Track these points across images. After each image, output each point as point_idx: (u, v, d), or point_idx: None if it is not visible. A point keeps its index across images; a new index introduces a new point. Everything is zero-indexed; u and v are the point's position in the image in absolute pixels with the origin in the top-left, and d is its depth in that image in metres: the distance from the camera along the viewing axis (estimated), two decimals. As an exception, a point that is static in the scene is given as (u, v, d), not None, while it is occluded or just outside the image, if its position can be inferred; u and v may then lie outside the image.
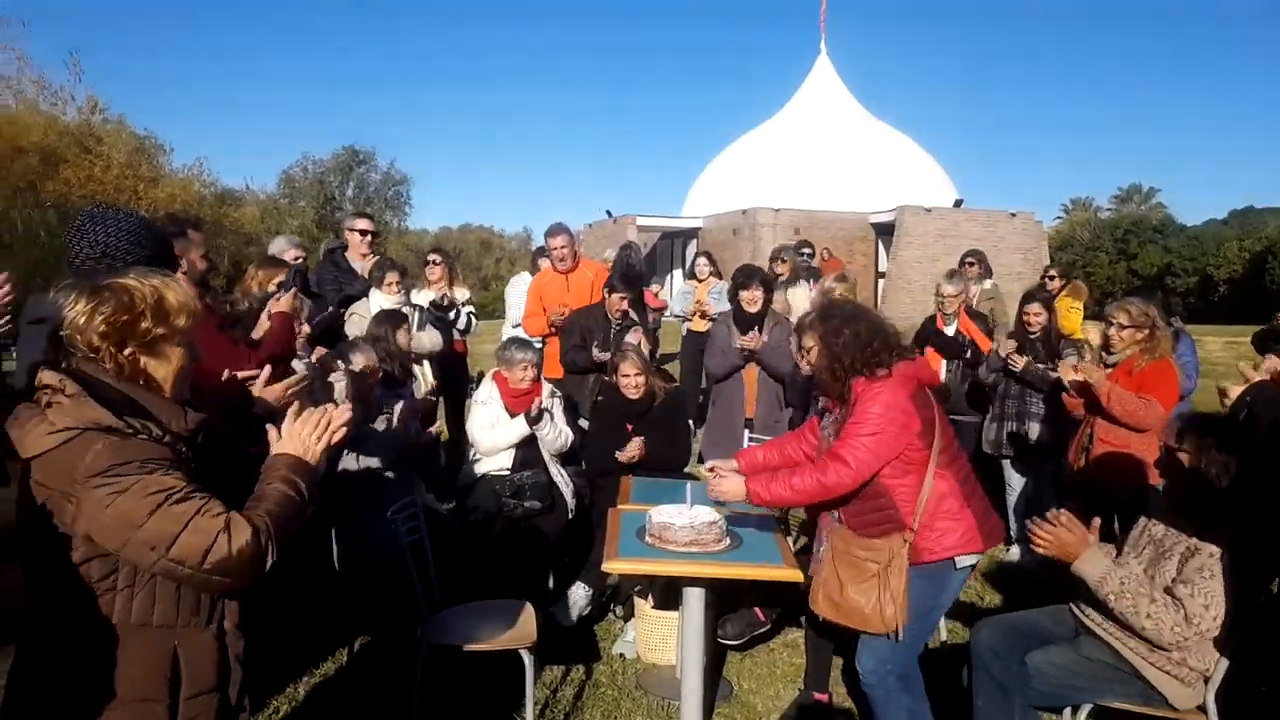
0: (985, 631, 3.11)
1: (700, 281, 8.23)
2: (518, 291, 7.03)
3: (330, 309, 5.38)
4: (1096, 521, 3.00)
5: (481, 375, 6.26)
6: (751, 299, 5.21)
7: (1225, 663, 2.76)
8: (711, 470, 3.32)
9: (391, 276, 5.63)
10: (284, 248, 5.72)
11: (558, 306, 5.97)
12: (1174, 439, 2.97)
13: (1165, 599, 2.76)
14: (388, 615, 3.95)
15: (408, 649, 3.55)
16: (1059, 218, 53.77)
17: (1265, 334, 6.00)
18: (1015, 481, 5.59)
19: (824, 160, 28.26)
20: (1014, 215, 26.60)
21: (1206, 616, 2.73)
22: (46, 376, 1.76)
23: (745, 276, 5.36)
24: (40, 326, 2.58)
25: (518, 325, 6.64)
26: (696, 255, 8.07)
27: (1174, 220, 45.78)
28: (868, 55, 78.88)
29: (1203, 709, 2.82)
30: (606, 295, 5.73)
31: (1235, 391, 2.32)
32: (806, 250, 9.17)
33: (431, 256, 6.52)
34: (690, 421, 5.53)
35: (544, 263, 6.93)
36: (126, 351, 1.81)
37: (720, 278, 8.35)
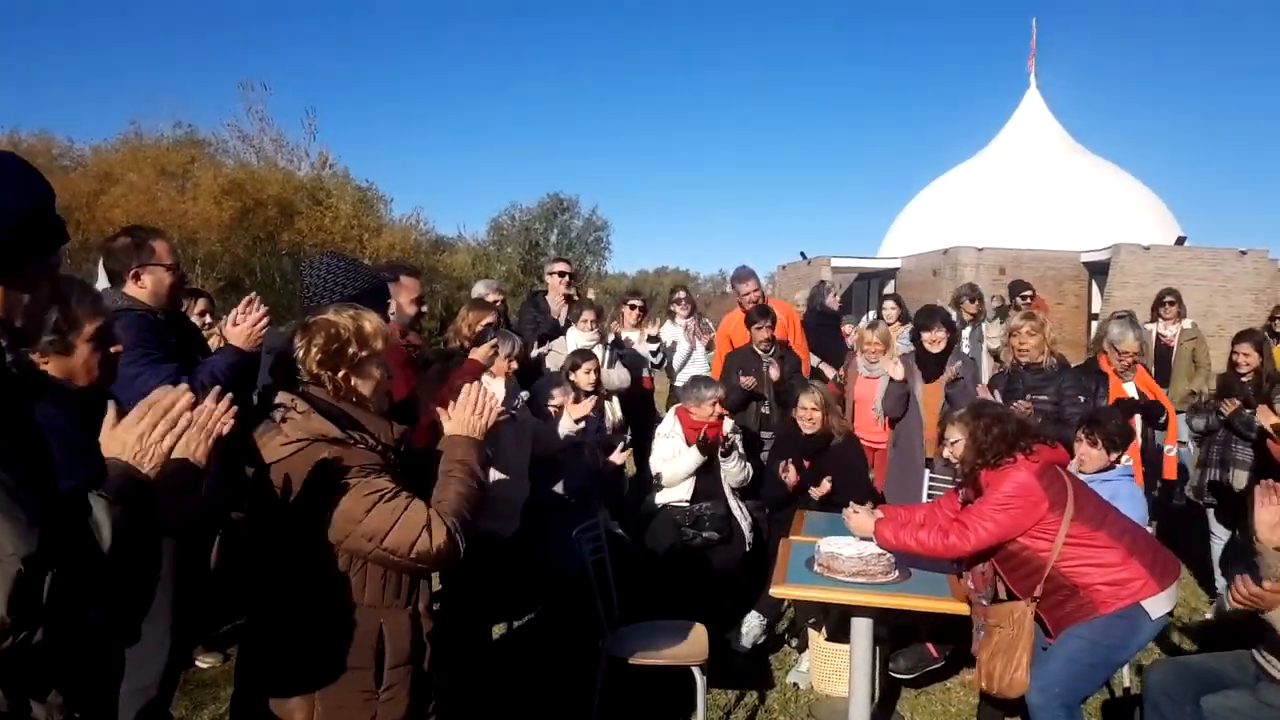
0: (1159, 672, 3.08)
1: (888, 326, 8.11)
2: (665, 338, 6.95)
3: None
4: None
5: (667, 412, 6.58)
6: (934, 340, 5.26)
7: None
8: (851, 509, 3.58)
9: (588, 315, 6.06)
10: (485, 291, 6.28)
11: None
12: None
13: None
14: (572, 627, 4.26)
15: (589, 660, 3.85)
16: (1304, 255, 48.56)
17: None
18: (1221, 531, 5.26)
19: (1032, 196, 27.08)
20: (1244, 253, 24.38)
21: None
22: (281, 396, 2.14)
23: (926, 317, 5.41)
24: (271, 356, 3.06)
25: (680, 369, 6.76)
26: (885, 299, 8.00)
27: None
28: (1081, 86, 74.54)
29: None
30: (749, 329, 5.91)
31: None
32: (1028, 294, 8.75)
33: (631, 301, 6.91)
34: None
35: (675, 310, 7.08)
36: (340, 374, 2.17)
37: (907, 321, 8.22)
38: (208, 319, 5.65)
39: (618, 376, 5.98)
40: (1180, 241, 25.40)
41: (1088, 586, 3.03)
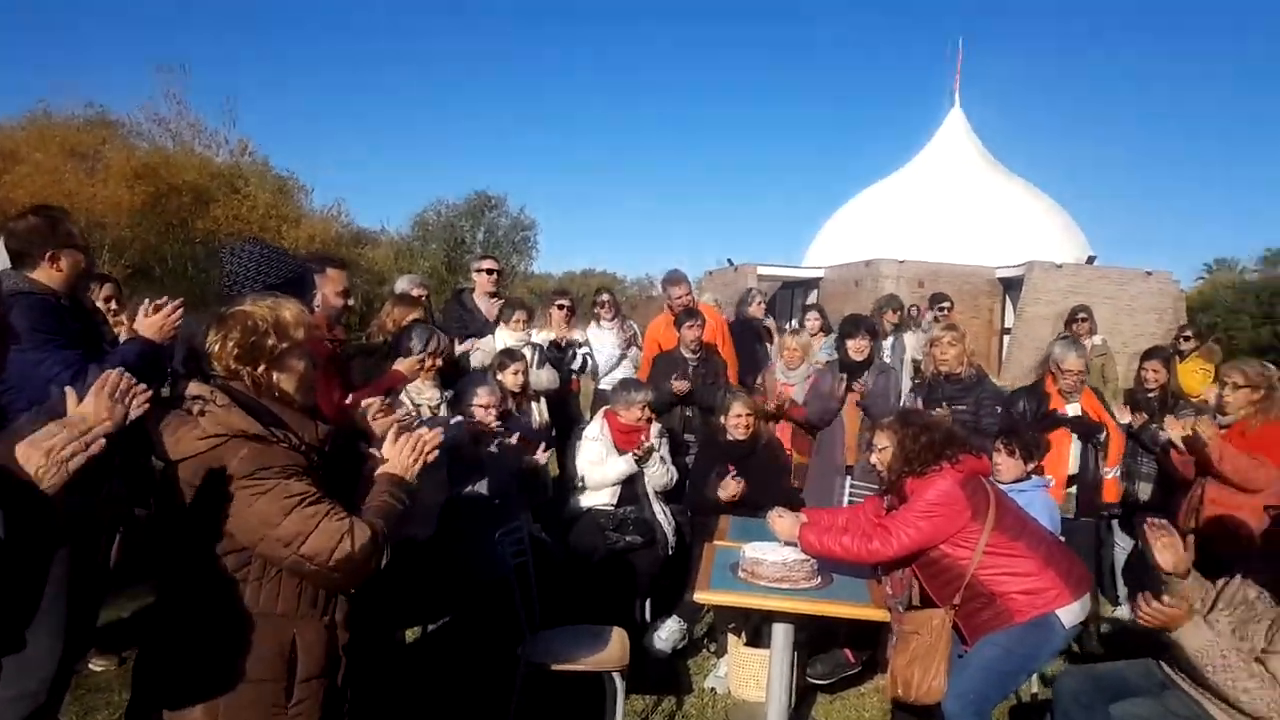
0: (1069, 679, 3.17)
1: (810, 336, 8.13)
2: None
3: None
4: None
5: (593, 413, 6.53)
6: (858, 348, 5.34)
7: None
8: (776, 513, 3.58)
9: (519, 315, 5.97)
10: (409, 286, 6.14)
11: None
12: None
13: (1263, 674, 2.74)
14: (491, 632, 4.19)
15: (507, 666, 3.78)
16: (1200, 278, 51.03)
17: None
18: (1124, 541, 5.46)
19: (952, 212, 27.86)
20: (1149, 274, 25.52)
21: None
22: (196, 388, 2.02)
23: (852, 326, 5.49)
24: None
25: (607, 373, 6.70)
26: (807, 309, 8.03)
27: (1333, 283, 42.79)
28: (1003, 108, 77.15)
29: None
30: (678, 329, 5.95)
31: None
32: (945, 305, 8.96)
33: (559, 302, 6.84)
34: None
35: (599, 312, 6.99)
36: (259, 368, 2.06)
37: (829, 332, 8.16)
38: (113, 305, 5.38)
39: (547, 377, 5.91)
40: (1090, 261, 26.45)
41: (1005, 595, 3.09)
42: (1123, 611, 5.34)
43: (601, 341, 6.66)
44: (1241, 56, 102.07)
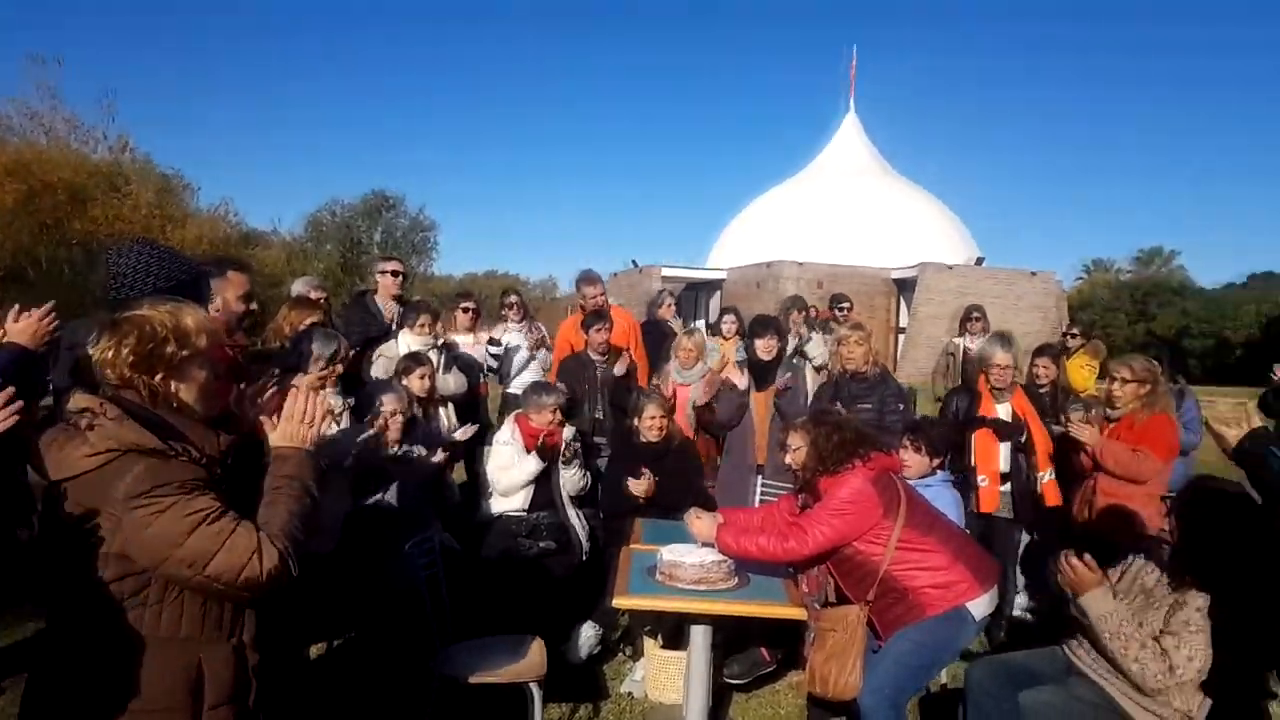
0: (979, 670, 3.24)
1: (726, 340, 7.65)
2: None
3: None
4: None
5: (501, 418, 6.41)
6: (767, 348, 5.39)
7: (1208, 702, 2.86)
8: (694, 514, 3.56)
9: (424, 318, 5.81)
10: (306, 289, 5.91)
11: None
12: (1180, 501, 3.13)
13: (1155, 647, 2.87)
14: (402, 646, 4.06)
15: (420, 680, 3.66)
16: (1080, 278, 53.77)
17: (1273, 394, 6.03)
18: (1020, 535, 5.63)
19: (848, 216, 28.63)
20: (1034, 274, 26.74)
21: (1190, 668, 2.84)
22: (83, 400, 1.86)
23: (760, 326, 5.55)
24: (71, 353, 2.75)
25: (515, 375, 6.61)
26: (722, 312, 7.88)
27: (1193, 283, 45.72)
28: (895, 114, 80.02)
29: (1186, 748, 2.90)
30: (584, 333, 5.92)
31: (1232, 434, 2.43)
32: (845, 305, 9.13)
33: (464, 304, 6.70)
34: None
35: (508, 314, 6.88)
36: (157, 378, 1.92)
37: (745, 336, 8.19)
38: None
39: (454, 381, 5.78)
40: (979, 262, 27.55)
41: (917, 589, 3.14)
42: (1020, 600, 5.52)
43: (510, 343, 6.55)
44: (1115, 63, 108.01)
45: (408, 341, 5.69)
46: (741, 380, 5.38)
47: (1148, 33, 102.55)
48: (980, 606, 3.17)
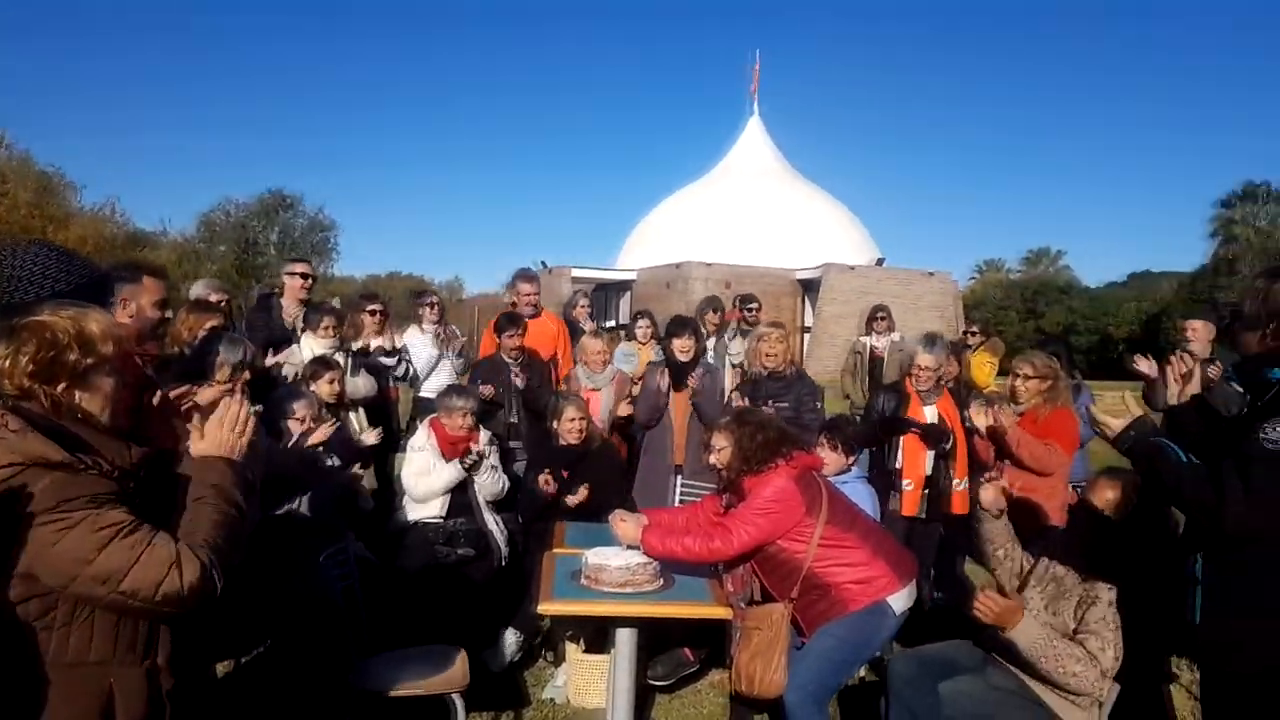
0: (899, 663, 3.31)
1: (642, 345, 7.37)
2: (408, 346, 6.58)
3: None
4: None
5: (409, 424, 6.28)
6: (684, 348, 5.41)
7: (1117, 688, 2.99)
8: (618, 517, 3.53)
9: (328, 321, 5.63)
10: (206, 291, 5.67)
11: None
12: (1090, 489, 3.27)
13: (1085, 655, 2.96)
14: (317, 660, 3.93)
15: (337, 695, 3.54)
16: (973, 278, 55.85)
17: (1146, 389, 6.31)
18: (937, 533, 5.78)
19: (754, 217, 29.08)
20: (931, 274, 27.66)
21: (1112, 663, 2.97)
22: None
23: (678, 326, 5.57)
24: None
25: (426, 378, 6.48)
26: (636, 315, 7.70)
27: (1078, 282, 47.96)
28: (798, 117, 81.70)
29: (1096, 731, 3.03)
30: (497, 338, 5.88)
31: (1117, 424, 2.54)
32: (753, 305, 9.21)
33: (371, 307, 6.52)
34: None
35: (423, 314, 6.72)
36: (59, 387, 1.81)
37: (661, 339, 7.46)
38: None
39: (363, 385, 5.63)
40: (879, 262, 28.35)
41: (839, 585, 3.19)
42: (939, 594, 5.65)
43: (423, 346, 6.42)
44: (1006, 68, 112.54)
45: (311, 345, 5.51)
46: (663, 381, 5.37)
47: (1038, 39, 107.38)
48: (900, 600, 3.23)
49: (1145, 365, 4.99)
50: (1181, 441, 2.43)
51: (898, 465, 4.87)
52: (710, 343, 6.68)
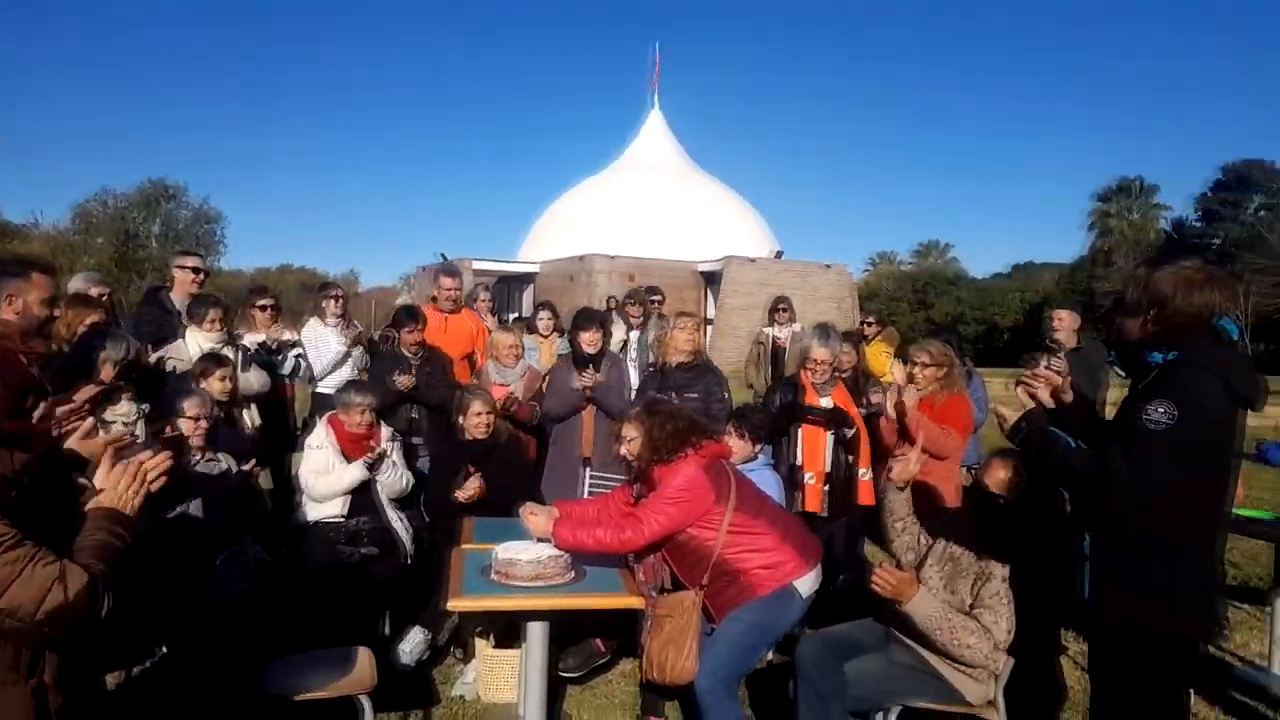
0: (807, 645, 3.39)
1: (544, 338, 7.18)
2: (309, 340, 6.36)
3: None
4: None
5: (307, 421, 6.10)
6: (591, 340, 5.40)
7: (1011, 661, 3.13)
8: (529, 510, 3.52)
9: (214, 314, 5.40)
10: (85, 285, 5.40)
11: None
12: (983, 471, 3.41)
13: (978, 628, 3.10)
14: (215, 667, 3.78)
15: (238, 701, 3.42)
16: (867, 270, 57.57)
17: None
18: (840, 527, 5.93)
19: (656, 210, 29.26)
20: (828, 267, 28.35)
21: (1005, 636, 3.11)
22: None
23: (585, 319, 5.56)
24: None
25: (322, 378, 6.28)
26: (538, 308, 7.56)
27: (965, 273, 49.92)
28: (698, 111, 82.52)
29: (993, 703, 3.18)
30: (395, 333, 5.80)
31: (1011, 415, 2.68)
32: (657, 297, 9.26)
33: (261, 301, 6.30)
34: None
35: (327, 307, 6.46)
36: None
37: (563, 332, 7.33)
38: None
39: (256, 380, 5.44)
40: (778, 255, 28.91)
41: (747, 571, 3.24)
42: (842, 576, 5.80)
43: (325, 341, 6.24)
44: (901, 66, 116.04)
45: (197, 340, 5.29)
46: (585, 378, 5.33)
47: (929, 36, 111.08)
48: (807, 584, 3.30)
49: (1062, 365, 5.24)
50: (1068, 431, 2.57)
51: (797, 460, 4.86)
52: (633, 335, 6.70)
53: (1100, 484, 2.31)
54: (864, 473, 4.92)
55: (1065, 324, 6.27)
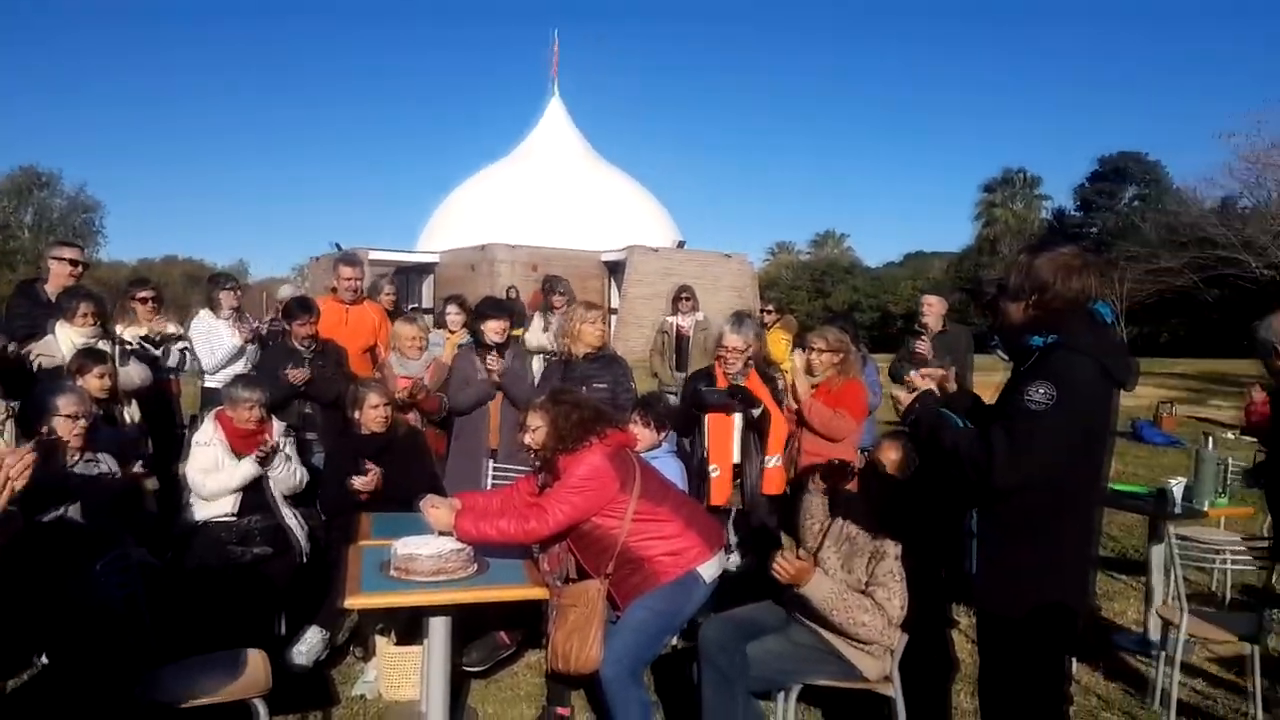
0: (710, 627, 3.43)
1: (452, 333, 6.77)
2: (200, 332, 6.18)
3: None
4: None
5: (194, 417, 5.86)
6: (498, 329, 5.36)
7: (905, 637, 3.24)
8: (430, 503, 3.46)
9: (86, 308, 5.14)
10: None
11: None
12: (876, 451, 3.50)
13: (872, 606, 3.19)
14: (99, 675, 3.61)
15: (124, 710, 3.27)
16: (766, 259, 58.61)
17: (895, 363, 6.88)
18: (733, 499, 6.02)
19: (558, 199, 29.09)
20: (729, 256, 28.73)
21: (899, 612, 3.20)
22: None
23: (492, 308, 5.52)
24: None
25: (214, 373, 6.09)
26: (446, 302, 7.16)
27: (860, 263, 51.30)
28: (599, 101, 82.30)
29: (889, 678, 3.29)
30: (288, 325, 5.66)
31: (906, 398, 2.76)
32: (560, 288, 9.21)
33: (142, 293, 6.02)
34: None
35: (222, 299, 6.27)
36: None
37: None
38: None
39: (137, 375, 5.20)
40: (680, 245, 29.12)
41: (651, 558, 3.26)
42: (734, 559, 5.90)
43: (218, 334, 6.00)
44: (796, 58, 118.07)
45: (69, 336, 5.03)
46: (494, 362, 5.24)
47: (827, 28, 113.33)
48: (710, 569, 3.34)
49: (924, 347, 5.43)
50: (956, 414, 2.67)
51: (704, 452, 4.71)
52: (543, 322, 6.63)
53: (984, 463, 2.40)
54: (772, 459, 4.71)
55: (933, 309, 6.54)
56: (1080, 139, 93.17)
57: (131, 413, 5.22)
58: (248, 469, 4.46)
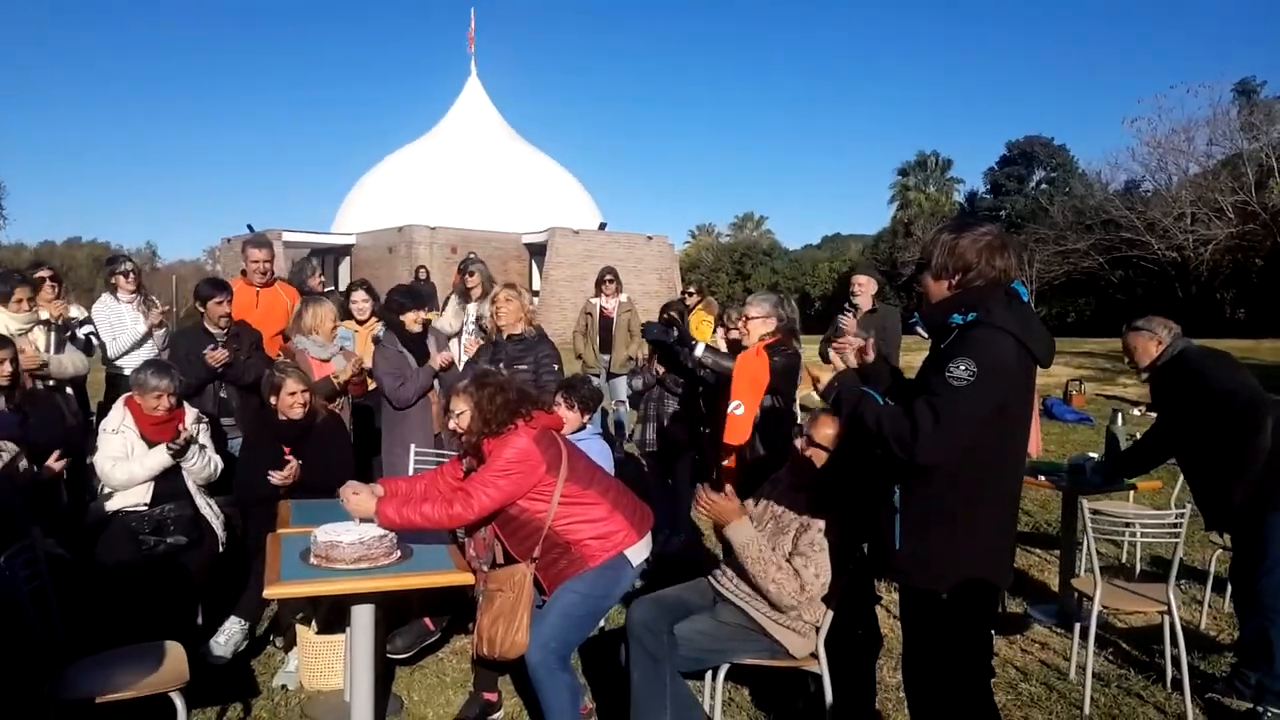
0: (638, 609, 3.45)
1: (361, 324, 6.27)
2: (103, 317, 5.93)
3: None
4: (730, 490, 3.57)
5: (100, 404, 5.66)
6: (416, 320, 5.27)
7: (830, 614, 3.32)
8: (350, 490, 3.40)
9: (20, 294, 4.97)
10: None
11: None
12: (803, 428, 3.55)
13: (789, 568, 3.26)
14: (6, 673, 3.46)
15: (34, 708, 3.15)
16: (687, 242, 58.89)
17: (824, 343, 7.02)
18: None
19: (478, 180, 28.70)
20: (651, 239, 28.77)
21: (817, 583, 3.26)
22: None
23: (409, 297, 5.41)
24: None
25: (118, 358, 5.88)
26: (351, 289, 6.67)
27: (780, 245, 51.91)
28: (517, 80, 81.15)
29: (815, 655, 3.36)
30: (201, 307, 5.48)
31: (825, 377, 2.79)
32: (474, 269, 9.06)
33: (42, 273, 5.76)
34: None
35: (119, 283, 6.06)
36: None
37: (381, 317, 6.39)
38: None
39: (70, 362, 5.02)
40: (602, 227, 29.06)
41: (579, 542, 3.26)
42: (677, 541, 5.95)
43: (120, 318, 5.77)
44: (716, 42, 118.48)
45: (4, 321, 4.85)
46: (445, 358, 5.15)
47: (746, 12, 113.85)
48: (638, 552, 3.35)
49: (848, 323, 5.53)
50: (877, 390, 2.71)
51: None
52: (472, 307, 6.50)
53: (908, 439, 2.44)
54: (736, 405, 4.59)
55: (865, 289, 6.68)
56: (990, 124, 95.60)
57: (66, 402, 5.06)
58: (158, 458, 4.32)
